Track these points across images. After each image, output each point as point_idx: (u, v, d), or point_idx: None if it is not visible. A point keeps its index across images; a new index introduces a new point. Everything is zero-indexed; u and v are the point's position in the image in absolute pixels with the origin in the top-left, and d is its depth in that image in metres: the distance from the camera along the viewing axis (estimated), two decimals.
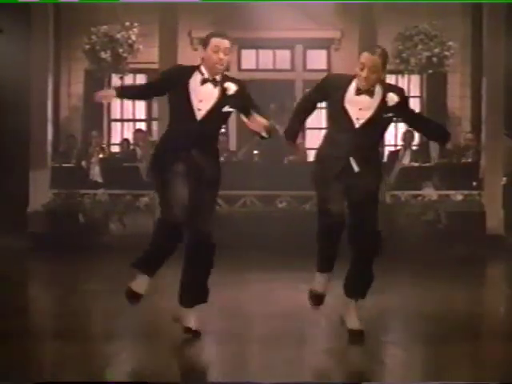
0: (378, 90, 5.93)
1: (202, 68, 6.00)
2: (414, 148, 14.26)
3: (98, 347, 5.89)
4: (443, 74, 14.48)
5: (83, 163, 13.78)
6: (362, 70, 5.89)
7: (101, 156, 13.79)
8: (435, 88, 14.89)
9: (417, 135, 14.95)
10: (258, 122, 5.97)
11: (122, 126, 15.47)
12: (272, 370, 5.22)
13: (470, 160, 13.75)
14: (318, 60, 15.38)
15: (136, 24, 13.89)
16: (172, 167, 5.94)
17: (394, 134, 15.27)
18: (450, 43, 13.81)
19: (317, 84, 6.21)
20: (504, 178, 13.27)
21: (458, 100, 15.10)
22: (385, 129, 6.06)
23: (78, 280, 9.59)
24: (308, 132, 15.38)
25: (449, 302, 8.03)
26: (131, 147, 14.41)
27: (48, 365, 5.47)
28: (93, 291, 8.58)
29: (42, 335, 6.33)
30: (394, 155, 14.01)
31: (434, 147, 14.11)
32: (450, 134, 6.29)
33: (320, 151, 6.13)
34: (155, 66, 13.69)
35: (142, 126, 15.41)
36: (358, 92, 5.91)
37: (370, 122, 5.89)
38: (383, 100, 5.89)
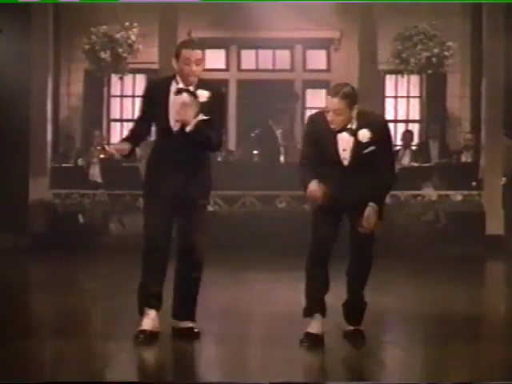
0: (354, 127, 5.84)
1: (178, 77, 5.94)
2: (414, 148, 14.27)
3: (98, 347, 5.89)
4: (443, 74, 14.48)
5: (80, 161, 13.76)
6: (327, 112, 5.82)
7: (102, 156, 13.79)
8: (435, 88, 14.89)
9: (416, 135, 14.98)
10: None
11: (122, 126, 15.46)
12: (272, 370, 5.22)
13: (469, 160, 13.75)
14: (317, 60, 15.38)
15: (136, 24, 13.89)
16: (155, 190, 5.92)
17: (394, 134, 15.28)
18: (450, 43, 13.81)
19: (306, 134, 6.15)
20: (503, 178, 13.27)
21: (457, 100, 15.09)
22: (375, 157, 5.92)
23: (78, 280, 9.59)
24: None
25: (448, 301, 8.03)
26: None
27: (48, 365, 5.47)
28: (93, 291, 8.58)
29: (41, 335, 6.33)
30: (394, 155, 14.00)
31: (433, 147, 14.13)
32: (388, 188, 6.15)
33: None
34: (155, 66, 13.71)
35: None
36: (339, 130, 5.87)
37: (354, 161, 5.87)
38: (357, 140, 5.83)
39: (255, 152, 13.68)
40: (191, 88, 5.89)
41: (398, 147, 14.45)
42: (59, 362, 5.52)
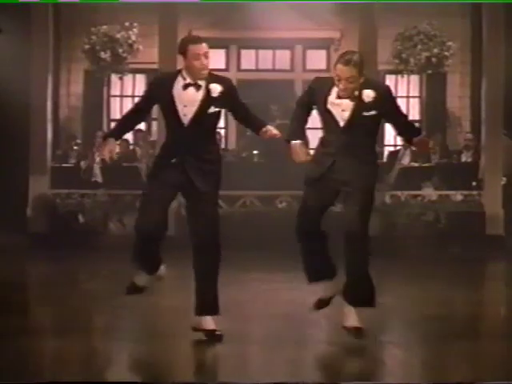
0: (357, 91, 5.88)
1: (184, 73, 5.97)
2: (414, 148, 14.25)
3: (98, 347, 5.89)
4: (443, 74, 14.49)
5: (82, 163, 13.78)
6: (338, 81, 5.84)
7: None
8: (435, 88, 14.90)
9: None
10: (270, 134, 6.07)
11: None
12: (272, 370, 5.22)
13: (469, 160, 13.76)
14: (317, 60, 15.38)
15: (136, 24, 13.90)
16: (160, 177, 5.93)
17: (394, 134, 15.28)
18: (450, 43, 13.81)
19: (306, 89, 6.23)
20: (504, 178, 13.27)
21: (457, 100, 15.10)
22: (373, 128, 5.96)
23: (78, 280, 9.59)
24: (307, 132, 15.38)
25: (448, 301, 8.03)
26: (131, 147, 14.42)
27: (48, 365, 5.47)
28: (93, 291, 8.58)
29: (41, 335, 6.33)
30: (394, 155, 14.02)
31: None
32: (420, 132, 6.16)
33: (314, 152, 6.14)
34: (155, 66, 13.70)
35: (142, 125, 15.40)
36: (339, 97, 5.89)
37: (352, 122, 5.87)
38: (360, 98, 5.85)
39: (255, 152, 13.69)
40: (201, 83, 5.95)
41: (398, 147, 14.46)
42: (59, 361, 5.52)
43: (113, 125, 15.33)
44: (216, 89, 5.97)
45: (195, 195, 5.93)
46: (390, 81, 15.01)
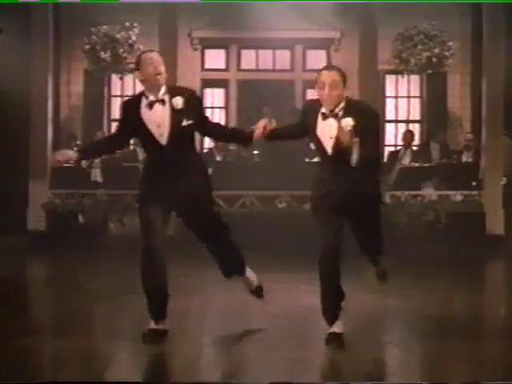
0: (341, 113, 5.83)
1: (145, 91, 5.90)
2: (415, 148, 14.27)
3: (98, 347, 5.89)
4: (443, 74, 14.49)
5: (83, 163, 13.77)
6: (322, 88, 5.82)
7: (103, 156, 13.78)
8: (435, 88, 14.90)
9: (417, 135, 14.98)
10: (260, 133, 6.09)
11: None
12: (272, 370, 5.22)
13: (469, 160, 13.76)
14: (317, 60, 15.36)
15: (136, 24, 13.90)
16: (150, 200, 5.94)
17: (394, 134, 15.28)
18: (450, 43, 13.81)
19: (300, 115, 6.20)
20: (504, 178, 13.27)
21: (457, 100, 15.10)
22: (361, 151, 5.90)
23: (78, 280, 9.59)
24: None
25: (449, 301, 8.02)
26: (131, 147, 14.42)
27: (48, 364, 5.46)
28: (93, 291, 8.58)
29: (41, 335, 6.33)
30: (394, 155, 14.02)
31: (434, 148, 14.13)
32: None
33: (315, 174, 6.15)
34: None
35: None
36: (324, 117, 5.86)
37: (337, 149, 5.83)
38: (340, 127, 5.79)
39: (255, 152, 13.69)
40: (165, 98, 5.86)
41: (398, 147, 14.47)
42: (59, 361, 5.52)
43: (113, 125, 15.39)
44: (178, 101, 5.85)
45: (190, 211, 5.95)
46: (390, 81, 15.05)
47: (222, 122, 14.85)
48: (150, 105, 5.85)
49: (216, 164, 13.08)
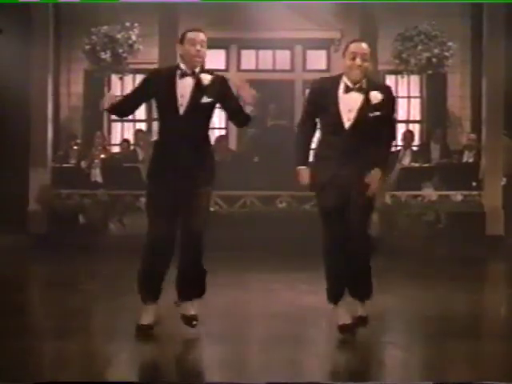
0: (365, 87, 5.89)
1: (181, 64, 6.07)
2: (415, 148, 14.27)
3: (98, 347, 5.89)
4: (443, 75, 14.49)
5: (83, 163, 13.78)
6: (353, 59, 5.84)
7: (102, 156, 13.80)
8: (435, 88, 14.90)
9: (417, 136, 14.99)
10: (247, 88, 5.99)
11: (123, 127, 15.47)
12: (272, 371, 5.22)
13: (470, 160, 13.76)
14: (317, 60, 15.38)
15: (136, 24, 13.90)
16: (158, 176, 5.99)
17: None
18: (450, 44, 13.81)
19: (307, 98, 6.20)
20: (504, 179, 13.27)
21: (457, 100, 15.10)
22: (377, 128, 5.92)
23: (78, 280, 9.59)
24: None
25: (449, 302, 8.03)
26: (131, 147, 14.43)
27: (48, 364, 5.47)
28: (92, 291, 8.58)
29: (41, 335, 6.33)
30: (394, 155, 14.02)
31: (434, 148, 14.13)
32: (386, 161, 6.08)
33: (315, 155, 6.12)
34: (155, 66, 13.70)
35: (143, 126, 15.41)
36: (347, 90, 5.88)
37: (357, 123, 5.85)
38: (367, 98, 5.85)
39: (255, 156, 13.70)
40: (196, 71, 6.02)
41: (398, 147, 14.47)
42: (59, 361, 5.52)
43: (113, 125, 15.40)
44: (206, 77, 6.01)
45: (190, 188, 5.95)
46: (390, 81, 15.02)
47: (222, 123, 14.88)
48: (182, 75, 6.01)
49: (216, 164, 13.07)
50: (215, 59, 15.12)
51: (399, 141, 14.59)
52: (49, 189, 13.28)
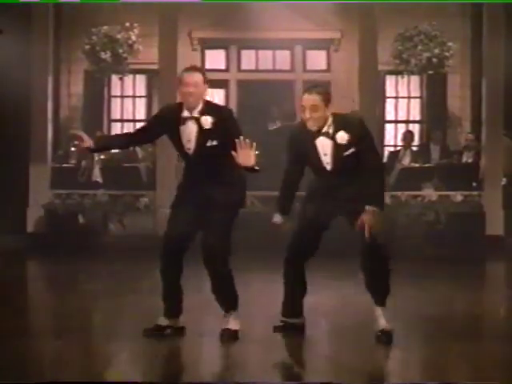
0: (331, 129, 5.94)
1: (183, 106, 6.08)
2: (414, 149, 14.27)
3: (98, 347, 5.89)
4: (443, 75, 14.49)
5: (83, 163, 13.77)
6: (303, 111, 5.93)
7: (102, 157, 13.79)
8: (435, 89, 14.90)
9: (417, 136, 14.98)
10: (245, 153, 5.91)
11: (122, 127, 15.47)
12: (272, 370, 5.22)
13: (470, 160, 13.76)
14: (317, 61, 15.38)
15: (136, 24, 13.90)
16: (179, 200, 6.11)
17: (394, 135, 15.27)
18: (450, 44, 13.81)
19: (287, 150, 6.24)
20: (504, 179, 13.27)
21: (457, 100, 15.10)
22: (355, 160, 5.97)
23: (78, 280, 9.59)
24: None
25: (449, 302, 8.03)
26: (131, 148, 14.41)
27: (48, 365, 5.47)
28: (92, 291, 8.58)
29: (41, 335, 6.33)
30: (394, 156, 14.02)
31: (434, 148, 14.13)
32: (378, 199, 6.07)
33: (308, 190, 6.31)
34: (155, 67, 13.71)
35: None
36: (316, 135, 5.95)
37: (336, 164, 5.94)
38: (335, 142, 5.92)
39: (255, 152, 13.67)
40: (196, 114, 6.00)
41: (398, 147, 14.47)
42: (59, 361, 5.52)
43: (113, 125, 15.39)
44: (207, 121, 5.99)
45: (213, 209, 6.06)
46: (390, 81, 15.05)
47: None
48: (184, 120, 6.02)
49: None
50: (215, 60, 15.13)
51: (399, 141, 14.59)
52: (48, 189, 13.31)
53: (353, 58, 14.09)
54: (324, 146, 5.95)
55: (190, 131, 6.00)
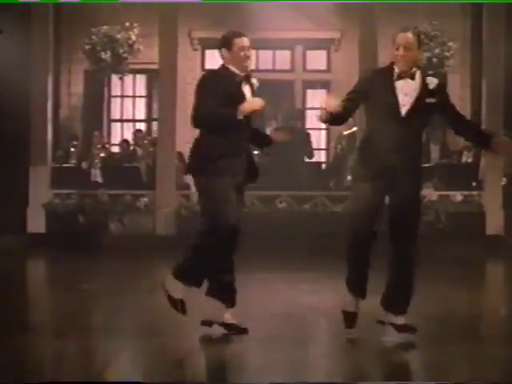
0: (418, 73, 5.92)
1: (232, 68, 6.25)
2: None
3: (98, 347, 5.89)
4: (443, 75, 14.47)
5: (83, 164, 13.78)
6: (397, 49, 5.90)
7: (102, 155, 13.79)
8: None
9: None
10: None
11: (122, 126, 15.47)
12: (272, 370, 5.22)
13: (469, 160, 13.76)
14: (317, 60, 15.39)
15: (136, 24, 13.91)
16: (224, 173, 5.99)
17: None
18: (450, 44, 13.81)
19: (359, 82, 6.18)
20: (504, 179, 13.27)
21: (457, 100, 15.06)
22: (428, 118, 5.95)
23: (78, 280, 9.59)
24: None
25: (448, 301, 8.02)
26: (131, 147, 14.42)
27: (48, 364, 5.46)
28: (93, 291, 8.58)
29: (41, 335, 6.33)
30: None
31: (434, 148, 14.12)
32: (492, 140, 5.95)
33: (362, 146, 6.02)
34: (155, 67, 13.71)
35: (142, 126, 15.41)
36: (399, 77, 5.90)
37: (414, 109, 5.84)
38: (424, 83, 5.87)
39: (255, 152, 13.68)
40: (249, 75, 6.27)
41: None
42: (59, 361, 5.52)
43: (113, 125, 15.40)
44: (255, 81, 6.31)
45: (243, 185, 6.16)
46: None
47: None
48: (240, 82, 6.19)
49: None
50: (215, 59, 15.11)
51: None
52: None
53: (353, 57, 14.09)
54: (405, 86, 5.84)
55: (247, 91, 6.21)
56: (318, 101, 15.22)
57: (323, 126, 15.57)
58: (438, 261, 11.51)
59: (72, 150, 14.22)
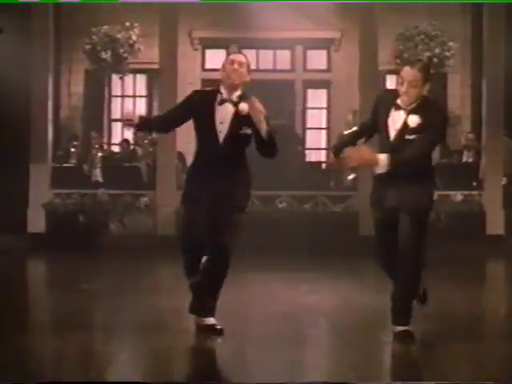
0: (412, 109, 5.83)
1: (222, 88, 6.04)
2: None
3: (98, 347, 5.89)
4: (443, 75, 14.49)
5: (85, 166, 13.78)
6: (401, 84, 5.83)
7: (100, 155, 13.79)
8: (435, 88, 14.88)
9: None
10: (258, 107, 5.84)
11: (123, 126, 15.47)
12: (272, 370, 5.22)
13: (470, 160, 13.76)
14: (318, 60, 15.39)
15: (136, 24, 13.91)
16: (195, 196, 5.98)
17: None
18: (451, 43, 13.81)
19: (372, 110, 6.14)
20: (504, 178, 13.27)
21: (458, 100, 15.10)
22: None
23: (78, 280, 9.59)
24: (308, 132, 15.38)
25: (449, 301, 8.03)
26: (131, 147, 14.43)
27: (48, 364, 5.47)
28: (93, 291, 8.58)
29: (42, 335, 6.33)
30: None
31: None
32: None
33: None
34: (156, 66, 13.71)
35: None
36: (397, 107, 5.87)
37: (399, 139, 5.84)
38: (405, 122, 5.82)
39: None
40: (234, 99, 5.98)
41: None
42: (59, 361, 5.52)
43: (113, 125, 15.40)
44: (244, 107, 5.94)
45: (225, 204, 6.02)
46: (390, 81, 15.04)
47: None
48: (222, 101, 5.98)
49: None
50: (215, 59, 15.12)
51: None
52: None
53: (353, 57, 14.09)
54: (396, 119, 5.84)
55: (225, 113, 5.97)
56: (318, 100, 15.28)
57: (323, 125, 15.60)
58: (439, 261, 11.51)
59: (72, 149, 14.22)
